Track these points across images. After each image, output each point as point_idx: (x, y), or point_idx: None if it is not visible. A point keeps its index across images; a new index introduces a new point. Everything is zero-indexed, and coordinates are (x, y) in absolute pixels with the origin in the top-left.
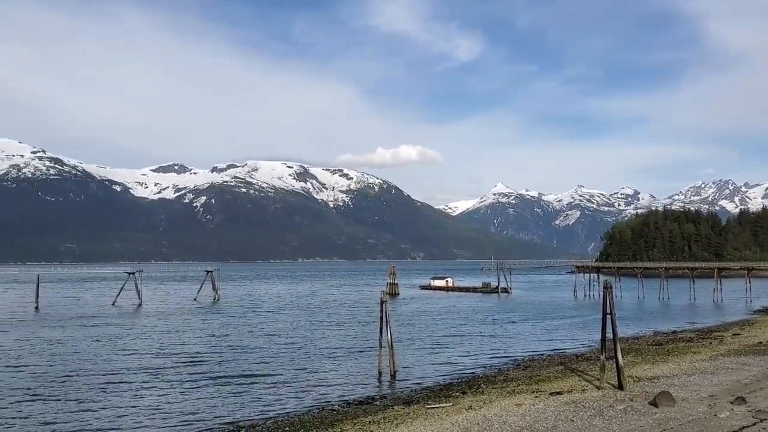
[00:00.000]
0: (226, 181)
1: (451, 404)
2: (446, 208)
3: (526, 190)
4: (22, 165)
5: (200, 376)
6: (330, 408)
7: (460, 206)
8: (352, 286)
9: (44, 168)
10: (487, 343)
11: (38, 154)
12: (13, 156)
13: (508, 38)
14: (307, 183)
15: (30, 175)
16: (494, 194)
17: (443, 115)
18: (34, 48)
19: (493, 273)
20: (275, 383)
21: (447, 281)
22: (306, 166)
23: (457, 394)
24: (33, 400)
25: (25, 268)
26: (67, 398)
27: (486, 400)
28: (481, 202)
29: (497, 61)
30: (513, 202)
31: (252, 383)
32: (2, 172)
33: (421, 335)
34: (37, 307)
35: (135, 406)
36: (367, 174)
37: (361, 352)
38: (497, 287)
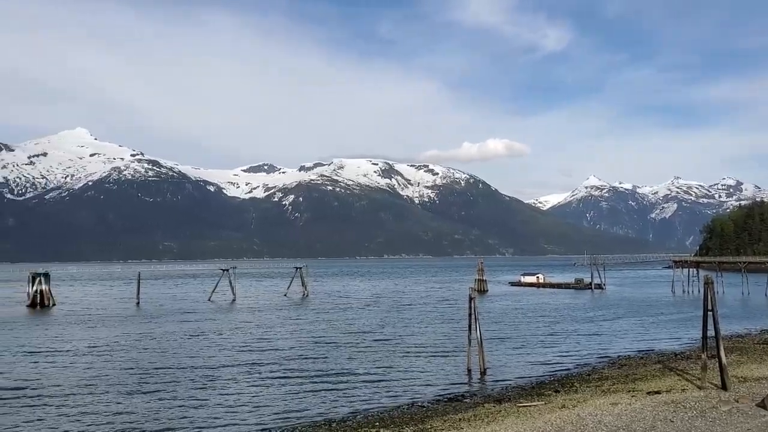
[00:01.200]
0: (313, 180)
1: (543, 403)
2: (536, 202)
3: (620, 183)
4: (122, 168)
5: (292, 371)
6: (419, 405)
7: (550, 200)
8: (439, 282)
9: (143, 170)
10: (580, 341)
11: (137, 157)
12: (114, 159)
13: (597, 27)
14: (393, 179)
15: (130, 177)
16: (586, 187)
17: (531, 107)
18: (134, 57)
19: (585, 269)
20: (364, 380)
21: (538, 277)
22: (391, 162)
23: (550, 392)
24: (135, 394)
25: (127, 265)
26: (167, 392)
27: (580, 398)
28: (573, 195)
29: (587, 51)
30: (606, 195)
31: (342, 379)
32: (105, 174)
33: (511, 332)
34: (138, 303)
35: (230, 401)
36: (453, 169)
37: (449, 349)
38: (590, 283)
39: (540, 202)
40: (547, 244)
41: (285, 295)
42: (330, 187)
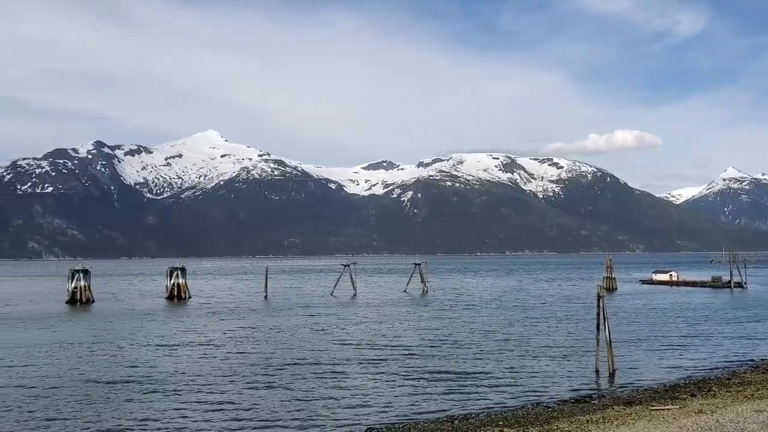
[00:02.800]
0: (431, 176)
1: (678, 407)
2: (668, 196)
3: (763, 174)
4: (250, 167)
5: (413, 368)
6: (545, 405)
7: (684, 194)
8: (565, 280)
9: (269, 170)
10: (718, 343)
11: (264, 157)
12: (243, 160)
13: (735, 9)
14: (514, 174)
15: (257, 177)
16: (724, 179)
17: (662, 96)
18: (262, 60)
19: (724, 266)
20: (487, 378)
21: (671, 275)
22: (513, 156)
23: (685, 396)
24: (261, 387)
25: (255, 260)
26: (292, 387)
27: (719, 404)
28: (709, 188)
29: (724, 35)
30: (747, 187)
31: (463, 377)
32: (234, 174)
33: (642, 333)
34: (266, 297)
35: (352, 396)
36: (579, 162)
37: (576, 349)
38: (729, 282)
39: (672, 196)
40: (680, 239)
41: (404, 291)
42: (449, 183)
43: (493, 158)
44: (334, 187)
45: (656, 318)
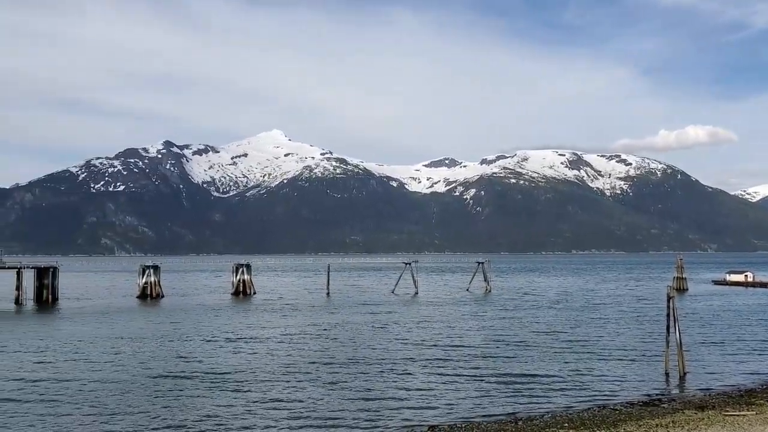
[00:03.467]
0: (495, 173)
1: (754, 413)
2: (743, 193)
3: None
4: (313, 166)
5: (476, 368)
6: (611, 407)
7: (761, 191)
8: (634, 280)
9: (331, 168)
10: None
11: (326, 156)
12: (306, 158)
13: None
14: (581, 171)
15: (320, 175)
16: None
17: (738, 90)
18: (324, 59)
19: None
20: (551, 380)
21: (746, 276)
22: (579, 153)
23: (762, 401)
24: (323, 384)
25: (317, 258)
26: (353, 384)
27: None
28: None
29: None
30: None
31: (527, 378)
32: (297, 173)
33: (715, 335)
34: (328, 294)
35: (414, 395)
36: (648, 159)
37: (645, 351)
38: None
39: (748, 194)
40: (757, 239)
41: (467, 289)
42: (513, 180)
43: (559, 155)
44: (395, 185)
45: (730, 320)
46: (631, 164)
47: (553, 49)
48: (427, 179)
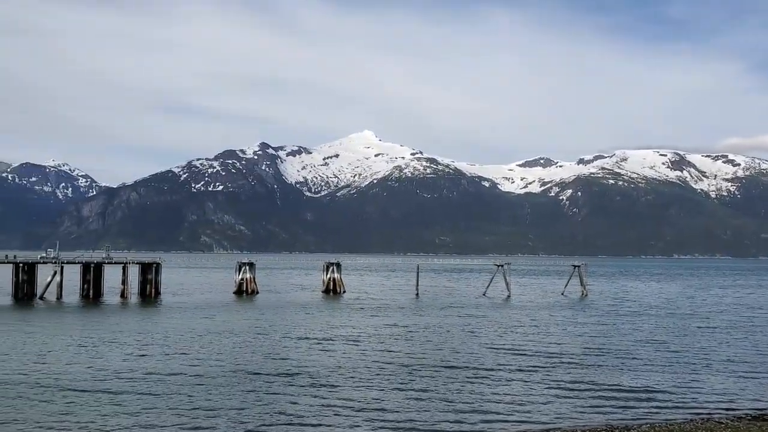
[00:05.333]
0: (592, 173)
1: None
2: None
3: None
4: (403, 166)
5: (570, 377)
6: (716, 420)
7: None
8: (742, 287)
9: (422, 168)
10: None
11: (416, 155)
12: (396, 158)
13: None
14: (684, 172)
15: (410, 175)
16: None
17: None
18: (415, 59)
19: None
20: (653, 389)
21: None
22: (682, 153)
23: None
24: (407, 388)
25: (407, 258)
26: (439, 388)
27: None
28: None
29: None
30: None
31: (626, 388)
32: (387, 173)
33: None
34: (417, 295)
35: (503, 402)
36: (759, 159)
37: (756, 363)
38: None
39: None
40: None
41: (562, 294)
42: (612, 181)
43: (660, 155)
44: (487, 185)
45: None
46: (739, 165)
47: (655, 45)
48: (521, 179)
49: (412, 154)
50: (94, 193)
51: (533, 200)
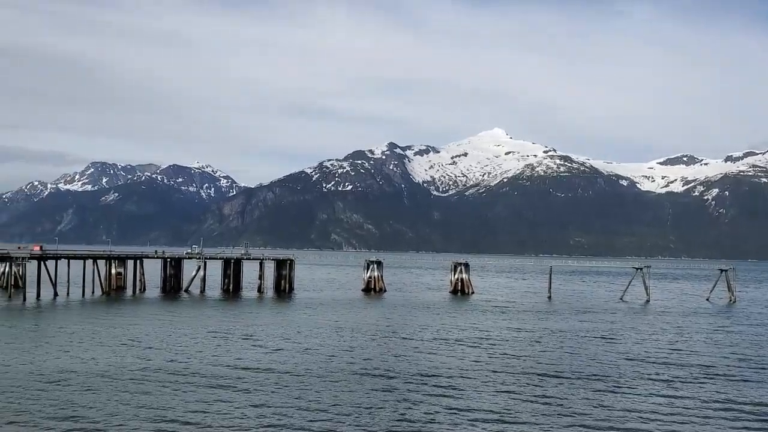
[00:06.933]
0: (742, 171)
1: None
2: None
3: None
4: (535, 164)
5: (717, 392)
6: None
7: None
8: None
9: (554, 166)
10: None
11: (549, 153)
12: (528, 156)
13: None
14: None
15: (542, 173)
16: None
17: None
18: (547, 55)
19: None
20: None
21: None
22: None
23: None
24: (531, 397)
25: (538, 259)
26: (568, 397)
27: None
28: None
29: None
30: None
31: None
32: (518, 171)
33: None
34: (549, 297)
35: (638, 419)
36: None
37: None
38: None
39: None
40: None
41: (707, 299)
42: (764, 179)
43: None
44: (625, 184)
45: None
46: None
47: None
48: (662, 178)
49: (545, 151)
50: (234, 192)
51: (675, 200)
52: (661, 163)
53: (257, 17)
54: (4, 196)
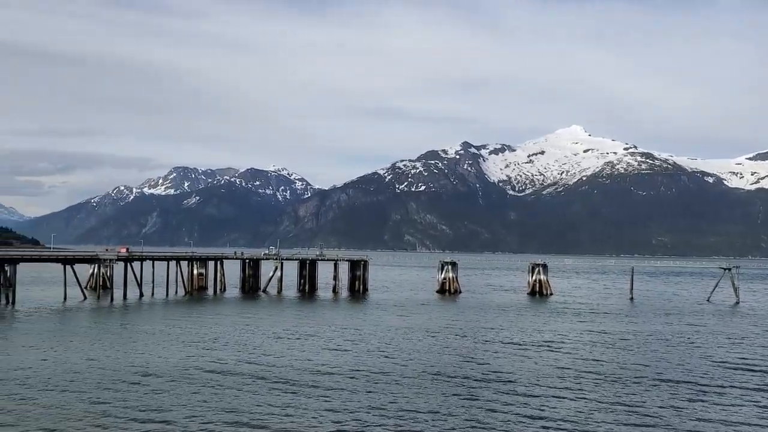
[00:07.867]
0: None
1: None
2: None
3: None
4: (615, 162)
5: None
6: None
7: None
8: None
9: (635, 163)
10: None
11: (630, 151)
12: (607, 154)
13: None
14: None
15: (622, 171)
16: None
17: None
18: (626, 50)
19: None
20: None
21: None
22: None
23: None
24: (599, 404)
25: (619, 259)
26: (643, 405)
27: None
28: None
29: None
30: None
31: None
32: (597, 169)
33: None
34: (631, 299)
35: (728, 427)
36: None
37: None
38: None
39: None
40: None
41: None
42: None
43: None
44: (711, 181)
45: None
46: None
47: None
48: (752, 174)
49: (625, 149)
50: (309, 195)
51: (766, 197)
52: (750, 159)
53: (331, 21)
54: (93, 201)
